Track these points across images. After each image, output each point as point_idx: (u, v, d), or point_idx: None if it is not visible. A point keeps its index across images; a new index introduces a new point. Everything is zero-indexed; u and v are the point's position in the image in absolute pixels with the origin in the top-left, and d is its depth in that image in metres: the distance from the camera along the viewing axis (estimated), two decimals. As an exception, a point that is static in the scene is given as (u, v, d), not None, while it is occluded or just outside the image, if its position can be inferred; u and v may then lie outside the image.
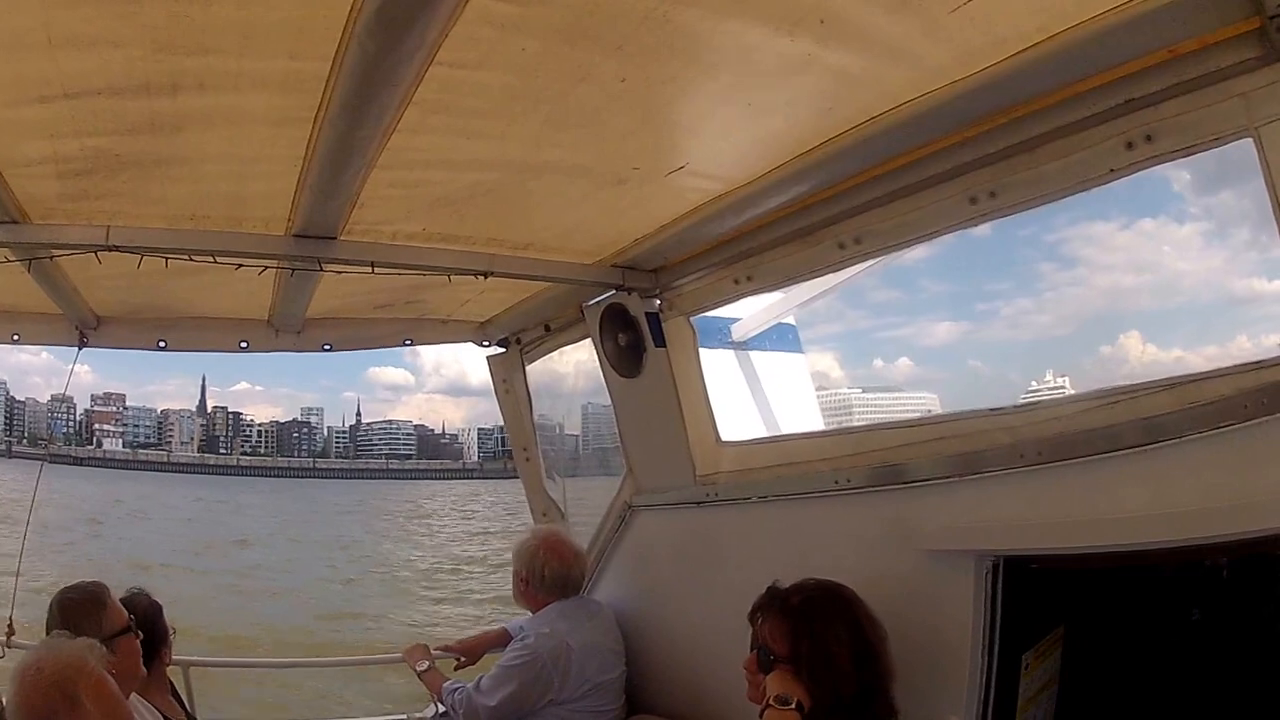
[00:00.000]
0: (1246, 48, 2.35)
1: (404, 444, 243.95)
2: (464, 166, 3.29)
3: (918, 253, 3.74)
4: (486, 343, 6.00)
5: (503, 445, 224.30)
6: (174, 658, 4.39)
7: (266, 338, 5.46)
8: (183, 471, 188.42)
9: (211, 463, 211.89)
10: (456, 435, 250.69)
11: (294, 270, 4.07)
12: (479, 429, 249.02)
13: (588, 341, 5.08)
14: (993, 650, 3.25)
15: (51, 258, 3.78)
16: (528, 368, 6.02)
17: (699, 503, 4.58)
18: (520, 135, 3.05)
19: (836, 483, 3.74)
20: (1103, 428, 2.84)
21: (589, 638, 4.74)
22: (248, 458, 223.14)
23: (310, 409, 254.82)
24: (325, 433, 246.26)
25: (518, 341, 5.91)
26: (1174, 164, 2.71)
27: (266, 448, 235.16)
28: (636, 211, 3.84)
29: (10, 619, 5.18)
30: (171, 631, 4.23)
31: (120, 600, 3.81)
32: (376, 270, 3.93)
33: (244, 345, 5.47)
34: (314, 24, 2.25)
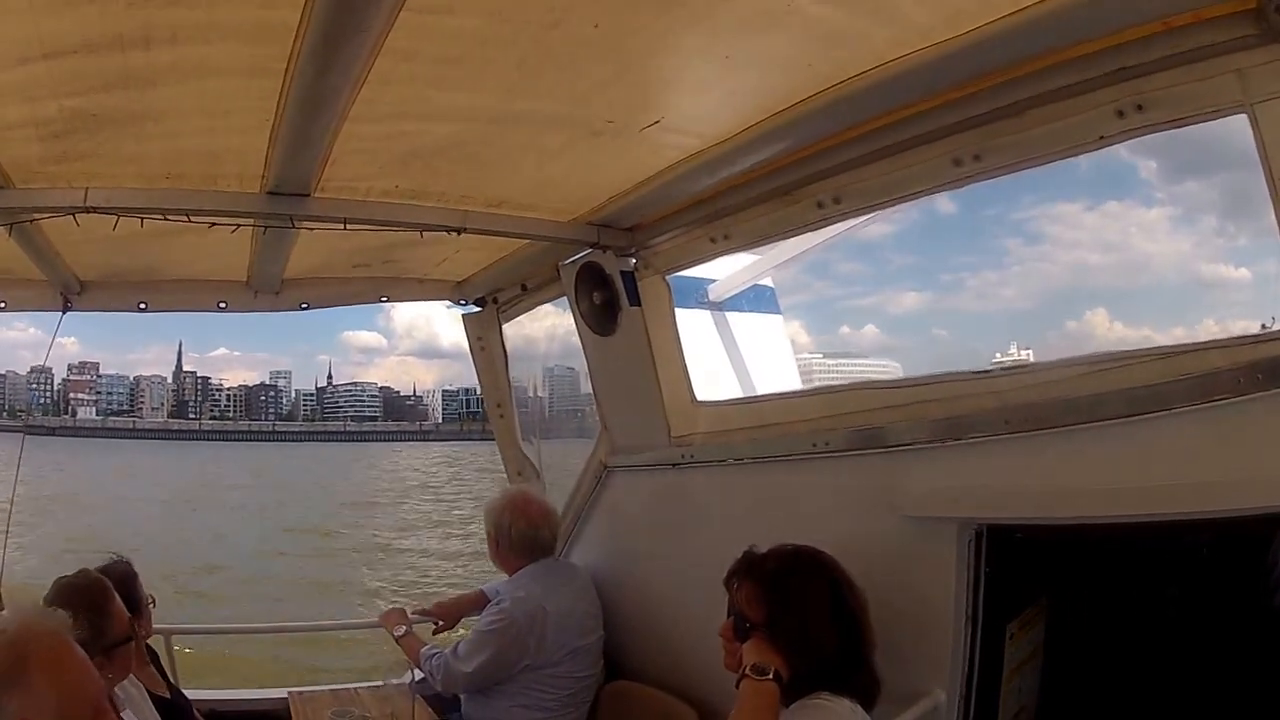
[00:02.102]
0: (1242, 25, 2.33)
1: (369, 406, 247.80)
2: (436, 118, 3.24)
3: (884, 228, 3.73)
4: (464, 301, 6.00)
5: (467, 407, 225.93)
6: (154, 627, 4.36)
7: (245, 298, 5.46)
8: (146, 438, 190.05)
9: (175, 428, 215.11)
10: (421, 397, 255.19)
11: (267, 228, 4.04)
12: (444, 390, 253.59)
13: (561, 302, 5.06)
14: (976, 619, 3.25)
15: (32, 220, 3.75)
16: (504, 326, 6.01)
17: (674, 464, 4.58)
18: (492, 84, 3.00)
19: (815, 445, 3.72)
20: (1091, 395, 2.81)
21: (565, 602, 4.73)
22: (212, 422, 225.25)
23: (279, 372, 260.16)
24: (293, 396, 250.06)
25: (494, 300, 5.90)
26: (1140, 153, 2.70)
27: (235, 412, 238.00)
28: (612, 168, 3.80)
29: None
30: (150, 602, 4.19)
31: (98, 570, 3.77)
32: (349, 227, 3.88)
33: (223, 306, 5.46)
34: None
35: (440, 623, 5.19)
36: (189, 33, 2.50)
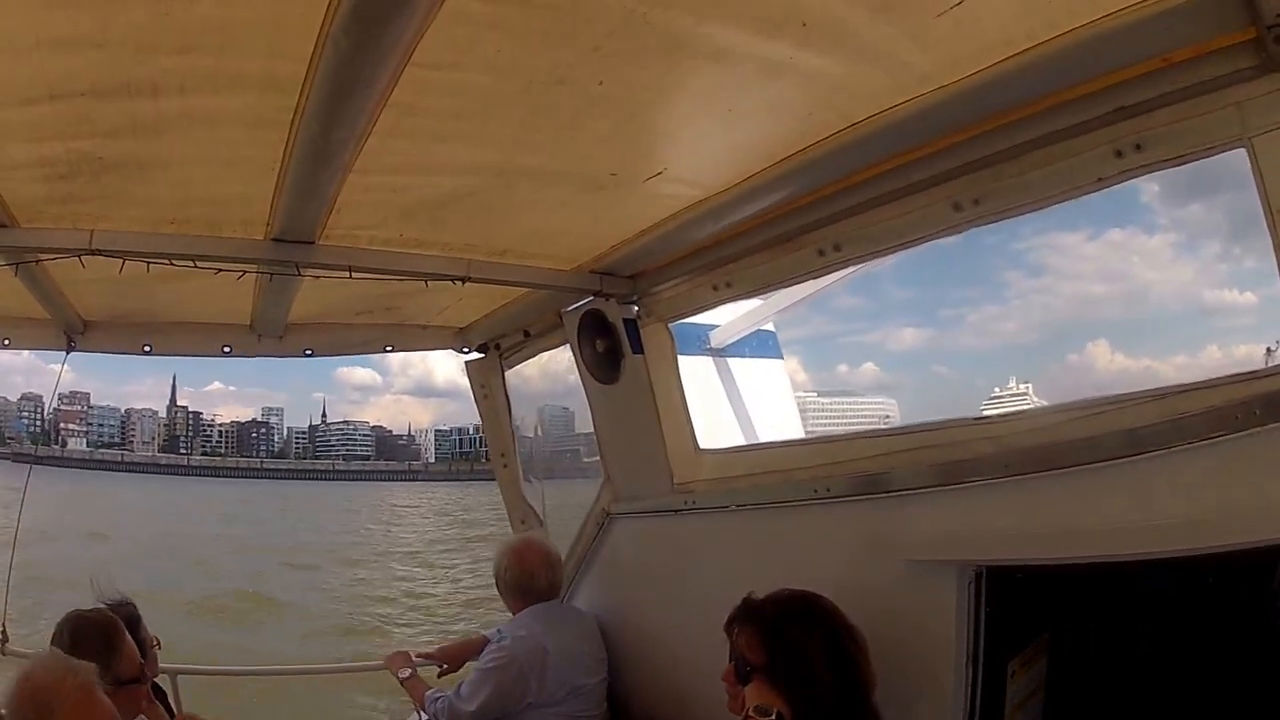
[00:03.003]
0: (1242, 57, 2.33)
1: (361, 444, 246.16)
2: (440, 170, 3.27)
3: (885, 261, 3.75)
4: (466, 349, 6.00)
5: (460, 447, 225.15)
6: (161, 666, 4.36)
7: (249, 342, 5.47)
8: (135, 471, 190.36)
9: (164, 462, 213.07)
10: (415, 437, 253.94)
11: (273, 275, 4.05)
12: (436, 430, 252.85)
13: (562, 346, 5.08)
14: (978, 659, 3.25)
15: (38, 261, 3.78)
16: (506, 373, 6.01)
17: (677, 511, 4.57)
18: (497, 139, 3.04)
19: (816, 492, 3.72)
20: (1087, 438, 2.81)
21: (566, 641, 4.74)
22: (201, 458, 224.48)
23: (271, 409, 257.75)
24: (285, 433, 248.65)
25: (497, 347, 5.91)
26: (1143, 178, 2.71)
27: (227, 448, 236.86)
28: (614, 217, 3.83)
29: (3, 626, 5.23)
30: (155, 644, 4.19)
31: (94, 609, 3.77)
32: (354, 275, 3.91)
33: (227, 350, 5.48)
34: (291, 22, 2.23)
35: (444, 666, 5.20)
36: (197, 82, 2.54)
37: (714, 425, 4.85)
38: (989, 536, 3.14)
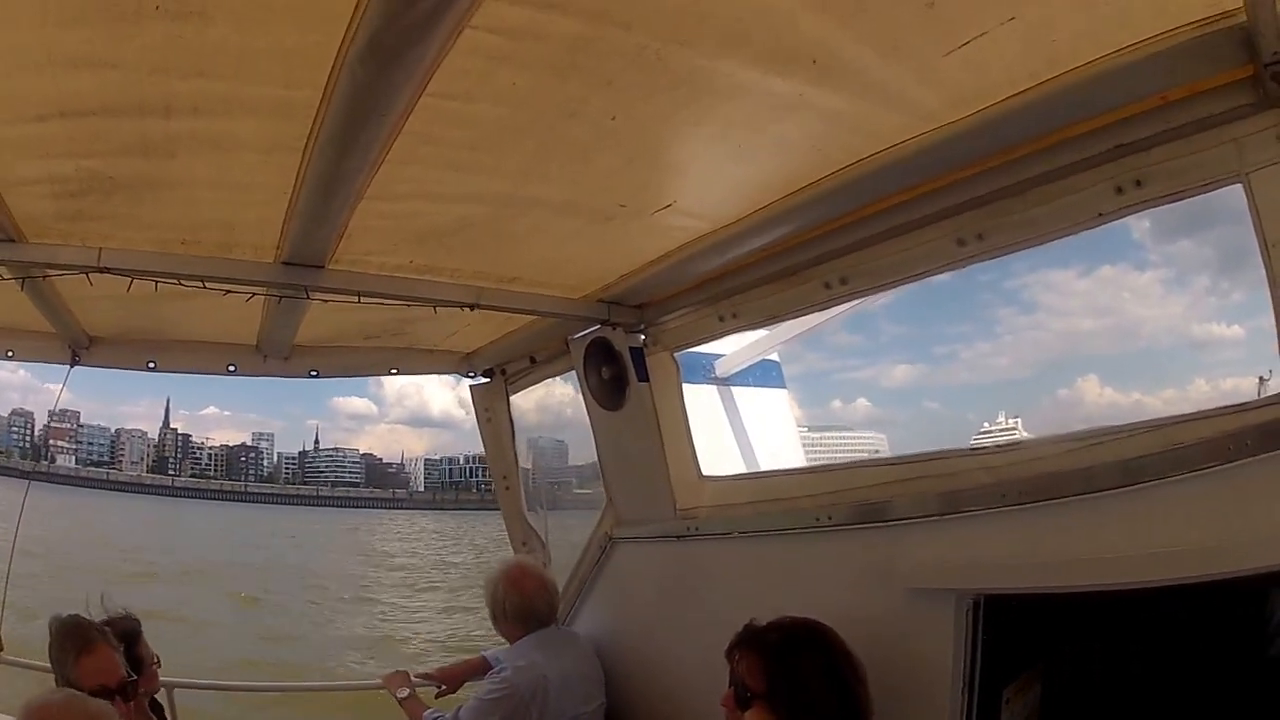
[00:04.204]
0: (1240, 94, 2.37)
1: (351, 471, 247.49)
2: (452, 199, 3.30)
3: (879, 298, 3.78)
4: (472, 373, 6.02)
5: (449, 476, 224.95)
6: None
7: (255, 362, 5.48)
8: (120, 490, 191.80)
9: (149, 482, 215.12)
10: (404, 465, 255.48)
11: (281, 297, 4.07)
12: (426, 459, 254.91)
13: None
14: (973, 686, 3.27)
15: (45, 277, 3.79)
16: (511, 398, 6.03)
17: (680, 536, 4.58)
18: (509, 169, 3.07)
19: (818, 520, 3.75)
20: (1084, 468, 2.84)
21: (567, 668, 4.73)
22: (185, 479, 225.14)
23: (261, 434, 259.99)
24: (275, 458, 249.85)
25: (503, 372, 5.92)
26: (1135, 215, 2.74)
27: (216, 470, 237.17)
28: (623, 247, 3.87)
29: None
30: (154, 661, 4.19)
31: (104, 622, 3.78)
32: (363, 300, 3.93)
33: (232, 369, 5.49)
34: (307, 51, 2.26)
35: (443, 686, 5.18)
36: (211, 105, 2.56)
37: (717, 453, 4.87)
38: (987, 565, 3.16)
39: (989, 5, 2.20)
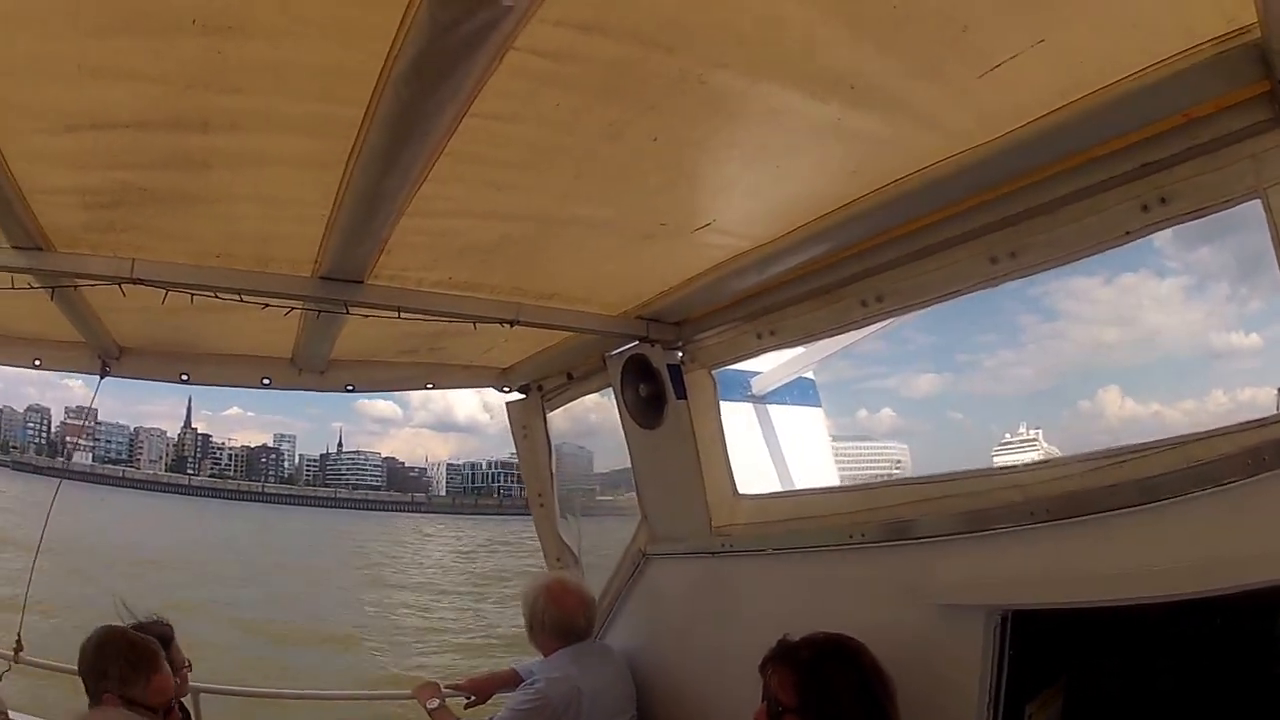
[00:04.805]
0: (1257, 110, 2.39)
1: (372, 474, 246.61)
2: (493, 217, 3.33)
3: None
4: (508, 388, 6.04)
5: (471, 481, 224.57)
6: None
7: (289, 375, 5.51)
8: (135, 488, 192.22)
9: (165, 481, 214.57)
10: (426, 470, 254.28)
11: (320, 312, 4.11)
12: (448, 464, 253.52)
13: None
14: (998, 702, 3.28)
15: (75, 287, 3.80)
16: (548, 415, 6.05)
17: (714, 553, 4.60)
18: (550, 189, 3.10)
19: (851, 537, 3.76)
20: (1109, 486, 2.86)
21: (599, 682, 4.75)
22: (204, 479, 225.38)
23: (283, 436, 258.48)
24: (296, 460, 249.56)
25: (539, 388, 5.94)
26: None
27: (235, 471, 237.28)
28: (662, 265, 3.90)
29: (19, 635, 5.30)
30: (186, 665, 4.22)
31: (136, 626, 3.82)
32: (403, 316, 3.95)
33: (266, 382, 5.51)
34: (349, 69, 2.28)
35: (473, 697, 5.17)
36: (250, 120, 2.59)
37: (751, 470, 4.88)
38: (1016, 581, 3.19)
39: (1020, 28, 2.22)
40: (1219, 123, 2.47)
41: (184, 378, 5.41)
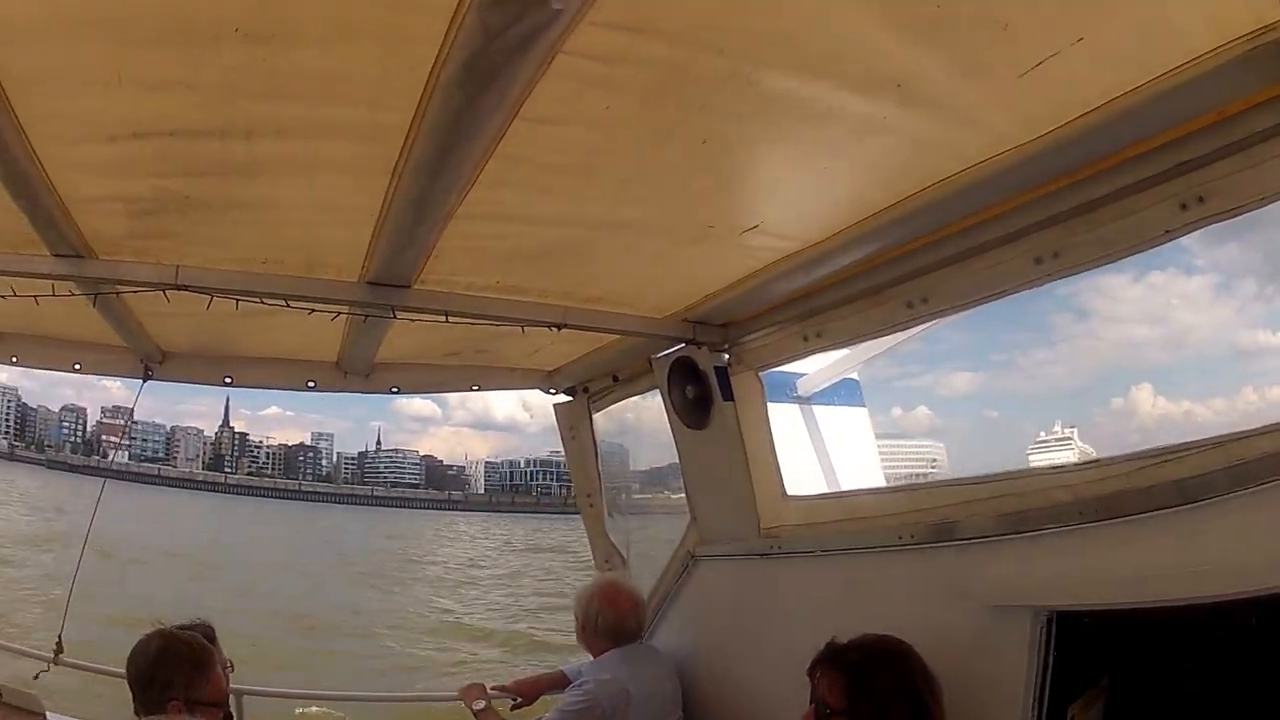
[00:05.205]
0: None
1: (410, 472, 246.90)
2: (541, 221, 3.34)
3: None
4: (554, 390, 6.07)
5: (510, 479, 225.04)
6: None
7: (335, 378, 5.55)
8: (171, 485, 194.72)
9: (200, 479, 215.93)
10: (464, 468, 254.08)
11: (367, 316, 4.13)
12: (486, 462, 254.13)
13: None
14: (1042, 703, 3.27)
15: (118, 294, 3.86)
16: (594, 416, 6.07)
17: (762, 555, 4.62)
18: (599, 192, 3.11)
19: (899, 538, 3.76)
20: (1151, 486, 2.86)
21: (648, 684, 4.77)
22: (241, 477, 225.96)
23: (321, 434, 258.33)
24: (334, 458, 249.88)
25: (585, 390, 5.97)
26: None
27: (273, 469, 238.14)
28: (709, 268, 3.90)
29: (60, 637, 5.36)
30: (228, 666, 4.26)
31: (179, 627, 3.85)
32: (450, 319, 3.98)
33: (312, 385, 5.56)
34: (397, 75, 2.29)
35: (519, 699, 5.21)
36: (296, 128, 2.61)
37: (798, 471, 4.88)
38: (1063, 582, 3.18)
39: (1059, 26, 2.22)
40: (1252, 120, 2.45)
41: (227, 381, 5.49)
